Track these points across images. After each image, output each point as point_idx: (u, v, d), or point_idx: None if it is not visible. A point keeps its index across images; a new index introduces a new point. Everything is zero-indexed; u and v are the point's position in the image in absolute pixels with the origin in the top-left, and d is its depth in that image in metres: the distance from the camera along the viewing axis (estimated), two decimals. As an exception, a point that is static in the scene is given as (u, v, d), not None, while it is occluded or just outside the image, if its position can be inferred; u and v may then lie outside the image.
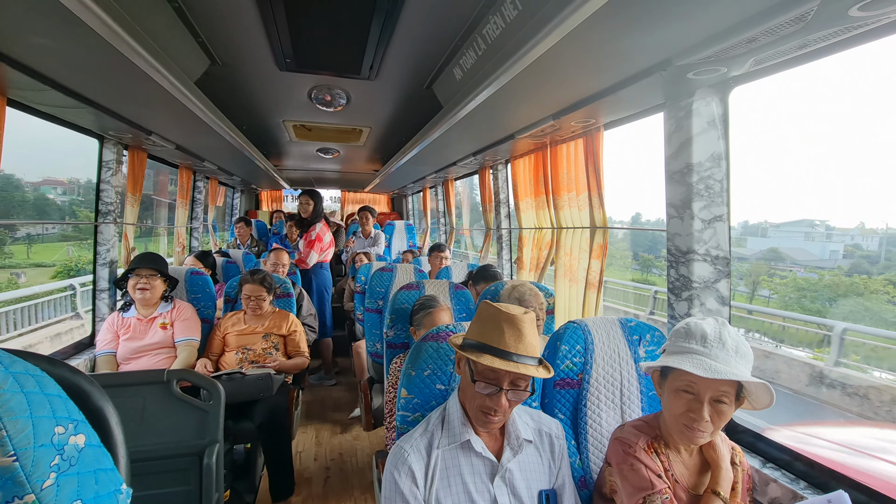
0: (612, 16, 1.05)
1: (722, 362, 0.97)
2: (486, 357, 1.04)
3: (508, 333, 1.05)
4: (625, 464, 1.08)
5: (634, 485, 1.05)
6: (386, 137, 3.12)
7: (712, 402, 1.00)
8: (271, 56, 1.70)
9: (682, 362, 0.99)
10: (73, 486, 0.51)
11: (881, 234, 4.63)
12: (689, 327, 1.05)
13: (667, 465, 1.07)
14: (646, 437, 1.10)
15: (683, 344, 1.04)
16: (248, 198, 6.97)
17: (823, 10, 0.93)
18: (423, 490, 1.07)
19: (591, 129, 2.07)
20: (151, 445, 1.51)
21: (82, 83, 1.67)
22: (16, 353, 0.54)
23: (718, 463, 1.06)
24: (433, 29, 1.50)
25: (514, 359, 1.03)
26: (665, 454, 1.09)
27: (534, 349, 1.06)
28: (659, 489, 1.02)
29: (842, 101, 20.84)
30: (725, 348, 0.99)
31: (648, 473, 1.04)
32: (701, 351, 1.00)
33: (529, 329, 1.07)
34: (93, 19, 1.01)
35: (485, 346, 1.07)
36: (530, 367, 1.04)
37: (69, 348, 2.43)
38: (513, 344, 1.04)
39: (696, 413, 1.00)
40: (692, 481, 1.09)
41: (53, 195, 26.07)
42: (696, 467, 1.10)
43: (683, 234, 1.51)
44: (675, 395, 1.04)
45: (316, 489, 2.47)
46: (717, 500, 1.02)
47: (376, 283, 2.69)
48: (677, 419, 1.04)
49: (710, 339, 1.00)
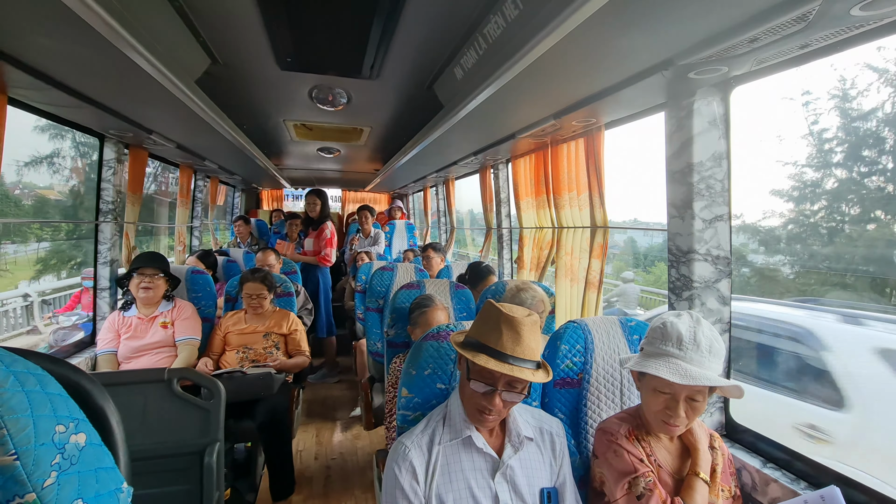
0: (614, 15, 1.05)
1: (696, 364, 1.03)
2: (482, 357, 1.04)
3: (507, 335, 1.05)
4: (609, 451, 1.14)
5: (619, 470, 1.10)
6: (387, 137, 3.12)
7: (687, 399, 1.06)
8: (272, 55, 1.70)
9: (660, 368, 1.04)
10: (73, 484, 0.51)
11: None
12: (665, 329, 1.08)
13: (649, 452, 1.14)
14: (627, 426, 1.16)
15: (660, 346, 1.08)
16: (249, 197, 6.96)
17: (825, 10, 0.92)
18: (423, 486, 1.07)
19: (592, 128, 2.07)
20: (152, 444, 1.51)
21: (83, 82, 1.67)
22: (17, 352, 0.54)
23: (697, 446, 1.13)
24: (434, 28, 1.50)
25: (510, 361, 1.03)
26: (647, 441, 1.15)
27: (532, 352, 1.06)
28: (642, 472, 1.07)
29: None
30: (700, 350, 1.04)
31: (631, 458, 1.10)
32: (676, 354, 1.05)
33: (529, 332, 1.06)
34: (94, 18, 1.01)
35: (482, 345, 1.07)
36: (526, 371, 1.03)
37: (70, 347, 2.44)
38: (510, 346, 1.04)
39: (673, 411, 1.06)
40: (675, 466, 1.15)
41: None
42: (678, 452, 1.17)
43: (684, 233, 1.51)
44: (653, 393, 1.10)
45: (317, 488, 2.47)
46: (698, 481, 1.08)
47: (377, 283, 2.69)
48: (655, 415, 1.11)
49: (685, 342, 1.05)
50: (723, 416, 1.53)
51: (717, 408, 1.53)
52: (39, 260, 12.47)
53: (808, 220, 7.85)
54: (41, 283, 10.35)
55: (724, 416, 1.53)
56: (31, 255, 12.68)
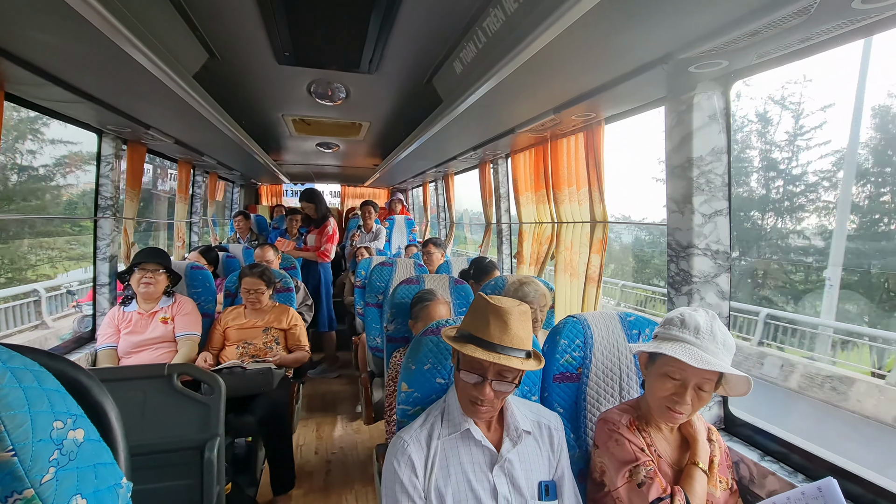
0: (614, 9, 1.05)
1: (711, 354, 1.05)
2: (469, 347, 1.06)
3: (494, 325, 1.06)
4: (610, 440, 1.15)
5: (620, 459, 1.11)
6: (386, 132, 3.11)
7: (695, 387, 1.07)
8: (270, 50, 1.69)
9: (676, 350, 1.05)
10: (72, 480, 0.51)
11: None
12: (685, 318, 1.10)
13: (649, 442, 1.15)
14: (628, 416, 1.17)
15: (677, 332, 1.09)
16: (248, 192, 6.95)
17: (826, 3, 0.92)
18: (422, 480, 1.07)
19: (592, 123, 2.06)
20: (152, 439, 1.51)
21: (81, 78, 1.66)
22: (14, 348, 0.54)
23: (696, 437, 1.14)
24: (433, 22, 1.48)
25: (497, 350, 1.04)
26: (647, 431, 1.16)
27: (521, 341, 1.07)
28: (643, 461, 1.08)
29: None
30: (716, 341, 1.06)
31: (632, 447, 1.11)
32: (693, 341, 1.06)
33: (517, 321, 1.08)
34: (91, 13, 1.00)
35: (470, 336, 1.08)
36: (514, 359, 1.04)
37: (70, 342, 2.44)
38: (497, 335, 1.05)
39: (680, 397, 1.07)
40: (674, 457, 1.16)
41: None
42: (677, 443, 1.18)
43: (684, 228, 1.51)
44: (662, 378, 1.11)
45: (317, 482, 2.49)
46: (697, 471, 1.09)
47: (376, 278, 2.69)
48: (661, 401, 1.11)
49: (702, 331, 1.07)
50: (721, 410, 1.54)
51: (716, 402, 1.53)
52: (79, 254, 13.15)
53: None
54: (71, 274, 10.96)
55: (722, 410, 1.54)
56: (70, 249, 13.32)
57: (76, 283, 9.11)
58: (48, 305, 7.57)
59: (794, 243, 13.73)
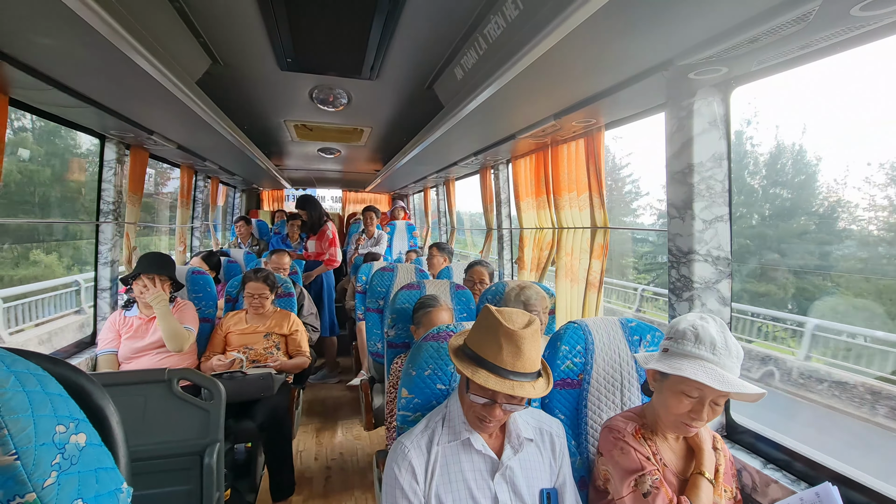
0: (614, 16, 1.05)
1: (729, 370, 1.02)
2: (482, 374, 1.02)
3: (507, 350, 1.02)
4: (615, 448, 1.13)
5: (625, 468, 1.09)
6: (387, 137, 3.12)
7: (711, 403, 1.04)
8: (272, 56, 1.70)
9: (697, 372, 1.01)
10: (74, 484, 0.51)
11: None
12: (698, 332, 1.06)
13: (655, 451, 1.13)
14: (634, 424, 1.15)
15: (692, 349, 1.05)
16: (250, 197, 6.97)
17: (825, 10, 0.92)
18: (422, 486, 1.07)
19: (593, 129, 2.07)
20: (152, 444, 1.51)
21: (84, 83, 1.67)
22: (17, 353, 0.54)
23: (702, 446, 1.13)
24: (434, 29, 1.50)
25: (510, 377, 1.01)
26: (652, 440, 1.14)
27: (533, 364, 1.04)
28: (649, 470, 1.07)
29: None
30: (731, 356, 1.03)
31: (638, 456, 1.09)
32: (710, 358, 1.03)
33: (529, 344, 1.03)
34: (95, 19, 1.01)
35: (481, 360, 1.04)
36: (526, 386, 1.02)
37: (70, 347, 2.44)
38: (510, 361, 1.01)
39: (698, 414, 1.05)
40: (679, 466, 1.15)
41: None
42: (682, 452, 1.17)
43: (684, 234, 1.51)
44: (678, 395, 1.07)
45: (317, 489, 2.47)
46: (703, 481, 1.08)
47: (377, 283, 2.69)
48: (678, 417, 1.08)
49: (718, 347, 1.03)
50: (723, 417, 1.53)
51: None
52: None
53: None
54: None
55: (724, 417, 1.53)
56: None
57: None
58: (85, 295, 8.10)
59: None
